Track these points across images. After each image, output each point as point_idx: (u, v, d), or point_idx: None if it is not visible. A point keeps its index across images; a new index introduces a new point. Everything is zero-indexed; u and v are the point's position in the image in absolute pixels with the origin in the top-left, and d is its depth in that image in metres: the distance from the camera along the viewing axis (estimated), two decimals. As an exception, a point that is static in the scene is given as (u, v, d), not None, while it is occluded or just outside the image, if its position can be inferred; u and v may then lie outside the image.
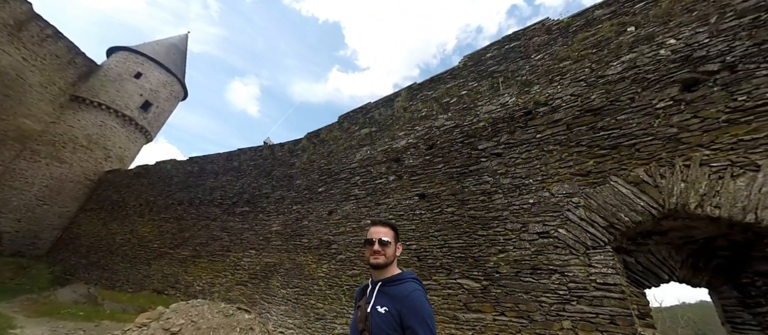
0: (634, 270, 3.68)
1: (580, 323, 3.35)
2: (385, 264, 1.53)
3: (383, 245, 1.55)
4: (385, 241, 1.55)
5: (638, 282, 3.65)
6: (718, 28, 3.38)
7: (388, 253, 1.54)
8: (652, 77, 3.70)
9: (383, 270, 1.54)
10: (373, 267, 1.56)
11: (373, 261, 1.55)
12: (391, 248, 1.56)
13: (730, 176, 2.99)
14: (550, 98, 4.48)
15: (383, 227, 1.61)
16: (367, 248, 1.58)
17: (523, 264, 3.92)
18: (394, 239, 1.59)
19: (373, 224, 1.64)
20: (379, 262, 1.53)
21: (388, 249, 1.54)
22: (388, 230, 1.60)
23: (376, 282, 1.54)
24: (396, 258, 1.59)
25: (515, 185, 4.37)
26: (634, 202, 3.42)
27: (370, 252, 1.57)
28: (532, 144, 4.41)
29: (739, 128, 3.05)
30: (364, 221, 5.84)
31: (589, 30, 4.43)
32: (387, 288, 1.47)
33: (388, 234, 1.58)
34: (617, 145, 3.73)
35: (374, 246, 1.54)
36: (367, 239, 1.60)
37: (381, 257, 1.53)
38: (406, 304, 1.37)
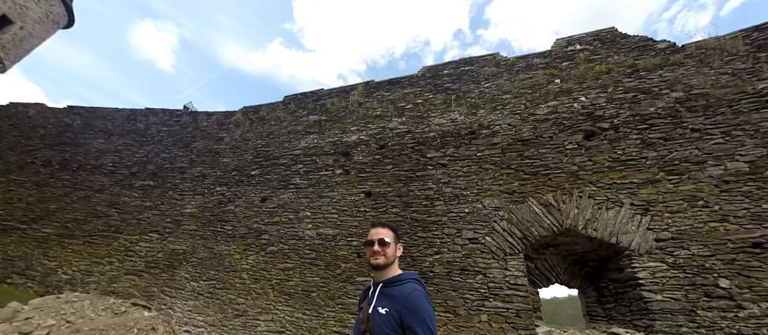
0: (533, 273, 4.59)
1: (494, 316, 3.98)
2: (386, 265, 1.54)
3: (383, 245, 1.55)
4: (386, 242, 1.56)
5: (535, 283, 4.56)
6: (612, 97, 4.51)
7: (388, 254, 1.54)
8: (566, 123, 4.67)
9: (384, 271, 1.55)
10: (374, 268, 1.56)
11: (373, 262, 1.55)
12: (391, 248, 1.57)
13: (605, 208, 4.03)
14: (492, 123, 5.15)
15: (383, 228, 1.61)
16: (368, 249, 1.59)
17: (454, 265, 4.41)
18: (394, 240, 1.60)
19: (373, 226, 1.65)
20: (379, 263, 1.54)
21: (388, 250, 1.55)
22: (388, 231, 1.60)
23: (377, 284, 1.55)
24: (396, 259, 1.60)
25: (455, 194, 4.87)
26: (543, 220, 4.26)
27: (370, 252, 1.57)
28: (473, 161, 5.00)
29: (615, 173, 4.13)
30: (303, 213, 5.56)
31: (528, 73, 5.28)
32: (388, 289, 1.48)
33: (388, 235, 1.58)
34: (537, 172, 4.56)
35: (374, 247, 1.54)
36: (368, 241, 1.60)
37: (381, 257, 1.54)
38: (406, 305, 1.37)
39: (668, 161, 3.93)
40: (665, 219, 3.70)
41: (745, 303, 3.11)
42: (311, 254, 5.19)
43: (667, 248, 3.59)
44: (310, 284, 4.95)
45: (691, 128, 3.97)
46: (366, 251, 1.62)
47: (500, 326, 3.93)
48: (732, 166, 3.63)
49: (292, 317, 4.78)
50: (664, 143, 4.03)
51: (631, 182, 4.00)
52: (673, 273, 3.48)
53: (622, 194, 4.01)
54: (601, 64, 4.79)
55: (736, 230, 3.39)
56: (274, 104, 7.12)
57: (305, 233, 5.38)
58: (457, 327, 4.07)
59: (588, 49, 5.03)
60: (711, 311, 3.21)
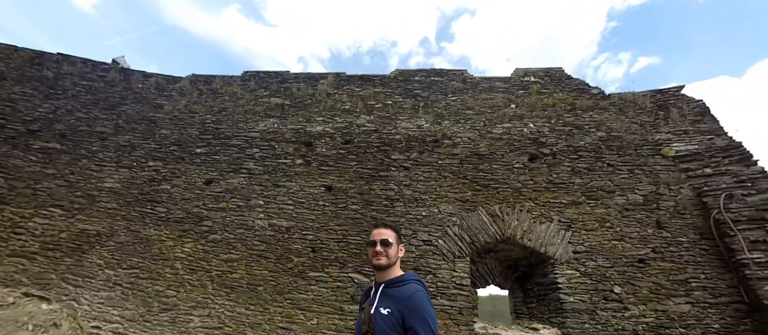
0: (474, 275, 5.09)
1: (440, 313, 4.30)
2: (388, 265, 1.56)
3: (385, 246, 1.57)
4: (388, 242, 1.57)
5: (474, 284, 5.06)
6: (554, 128, 5.24)
7: (390, 254, 1.56)
8: (516, 144, 5.26)
9: (386, 272, 1.57)
10: (376, 268, 1.58)
11: (375, 262, 1.57)
12: (394, 249, 1.59)
13: (539, 222, 4.68)
14: (455, 134, 5.52)
15: (386, 229, 1.63)
16: (370, 250, 1.60)
17: (408, 265, 4.62)
18: (396, 241, 1.62)
19: (376, 226, 1.66)
20: (381, 263, 1.55)
21: (391, 250, 1.57)
22: (390, 232, 1.62)
23: (379, 284, 1.56)
24: (399, 259, 1.63)
25: (415, 197, 5.10)
26: (489, 228, 4.75)
27: (372, 253, 1.58)
28: (434, 167, 5.29)
29: (549, 193, 4.82)
30: (255, 201, 5.18)
31: (489, 94, 5.79)
32: (389, 290, 1.50)
33: (391, 235, 1.60)
34: (488, 185, 5.05)
35: (376, 247, 1.56)
36: (370, 241, 1.61)
37: (383, 258, 1.55)
38: (408, 305, 1.39)
39: (589, 187, 4.74)
40: (582, 235, 4.47)
41: (630, 305, 3.96)
42: (260, 245, 4.89)
43: (581, 260, 4.34)
44: (257, 277, 4.66)
45: (607, 163, 4.85)
46: (368, 251, 1.63)
47: (444, 322, 4.27)
48: (632, 197, 4.56)
49: (233, 312, 4.45)
50: (587, 173, 4.85)
51: (560, 202, 4.72)
52: (583, 279, 4.23)
53: (553, 211, 4.70)
54: (548, 98, 5.52)
55: (629, 248, 4.28)
56: (229, 77, 6.45)
57: (256, 222, 5.04)
58: (406, 323, 4.29)
59: (539, 83, 5.75)
60: (606, 311, 4.00)
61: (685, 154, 4.53)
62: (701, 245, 4.04)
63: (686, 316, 3.78)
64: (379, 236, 1.59)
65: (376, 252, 1.56)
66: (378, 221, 1.83)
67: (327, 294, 4.52)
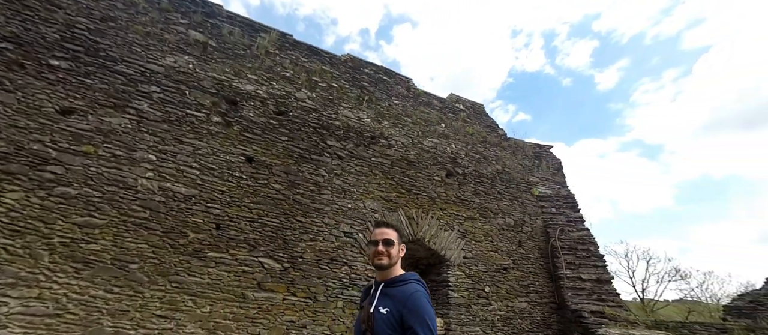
0: (381, 269, 5.50)
1: (348, 303, 4.47)
2: (389, 265, 1.54)
3: (388, 245, 1.55)
4: (391, 242, 1.56)
5: (380, 277, 5.48)
6: (468, 153, 6.21)
7: (392, 254, 1.54)
8: (439, 159, 5.97)
9: (386, 271, 1.55)
10: (377, 268, 1.57)
11: (377, 262, 1.54)
12: (395, 249, 1.57)
13: (443, 230, 5.48)
14: (391, 136, 5.79)
15: (388, 229, 1.62)
16: (372, 249, 1.58)
17: (325, 254, 4.58)
18: (398, 241, 1.61)
19: (377, 226, 1.65)
20: (383, 263, 1.53)
21: (393, 250, 1.55)
22: (393, 232, 1.61)
23: (379, 283, 1.55)
24: (399, 259, 1.61)
25: (343, 188, 5.08)
26: (405, 229, 5.23)
27: (374, 252, 1.55)
28: (367, 162, 5.41)
29: (455, 207, 5.70)
30: (142, 154, 4.01)
31: (426, 109, 6.33)
32: (389, 289, 1.48)
33: (393, 235, 1.59)
34: (410, 190, 5.54)
35: (379, 247, 1.54)
36: (372, 240, 1.59)
37: (385, 258, 1.53)
38: (407, 305, 1.38)
39: (483, 207, 5.87)
40: (472, 244, 5.50)
41: (493, 301, 5.16)
42: (142, 212, 3.84)
43: (467, 264, 5.34)
44: (131, 252, 3.65)
45: (498, 191, 6.13)
46: (369, 250, 1.61)
47: (352, 312, 4.45)
48: (508, 220, 5.92)
49: (84, 295, 3.34)
50: (484, 195, 5.99)
51: (461, 215, 5.66)
52: (466, 280, 5.22)
53: (455, 222, 5.59)
54: (470, 127, 6.49)
55: (499, 258, 5.55)
56: (127, -20, 4.72)
57: (139, 182, 3.92)
58: (314, 312, 4.25)
59: (465, 112, 6.69)
60: (477, 305, 5.08)
61: (544, 195, 6.24)
62: (540, 261, 5.68)
63: (523, 311, 5.23)
64: (382, 235, 1.57)
65: (379, 251, 1.54)
66: (380, 221, 1.84)
67: (228, 279, 3.97)
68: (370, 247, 1.60)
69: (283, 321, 4.08)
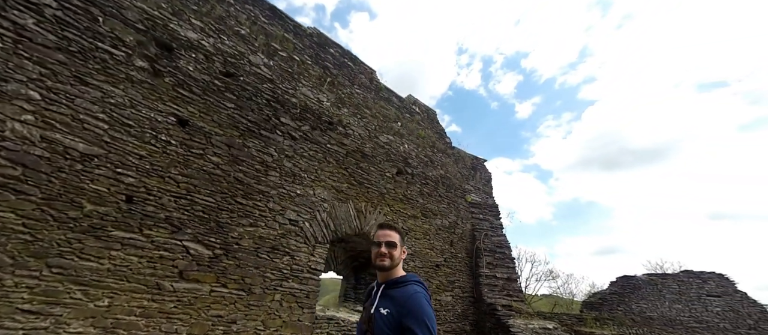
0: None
1: (287, 296, 4.16)
2: (390, 267, 1.57)
3: (390, 247, 1.58)
4: (393, 244, 1.59)
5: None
6: (418, 155, 6.50)
7: (394, 256, 1.58)
8: (392, 157, 6.07)
9: (388, 272, 1.58)
10: (379, 269, 1.60)
11: (378, 263, 1.58)
12: (398, 251, 1.60)
13: (389, 225, 5.61)
14: (349, 125, 5.59)
15: (390, 230, 1.65)
16: (374, 250, 1.61)
17: (266, 242, 4.15)
18: (400, 243, 1.64)
19: (380, 227, 1.66)
20: (385, 264, 1.57)
21: (395, 252, 1.59)
22: (395, 234, 1.64)
23: (380, 284, 1.58)
24: (401, 261, 1.64)
25: (294, 172, 4.68)
26: (353, 221, 5.16)
27: (377, 253, 1.59)
28: (322, 148, 5.11)
29: (401, 204, 5.91)
30: (17, 88, 2.86)
31: (386, 104, 6.34)
32: (390, 291, 1.51)
33: (396, 238, 1.62)
34: (362, 183, 5.48)
35: (381, 248, 1.57)
36: (374, 242, 1.60)
37: (387, 260, 1.56)
38: (407, 306, 1.41)
39: (426, 208, 6.25)
40: (412, 241, 5.80)
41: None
42: (12, 168, 2.75)
43: (406, 259, 5.61)
44: (-16, 221, 2.58)
45: (439, 194, 6.61)
46: (372, 251, 1.63)
47: (290, 305, 4.16)
48: (445, 222, 6.45)
49: None
50: (428, 197, 6.38)
51: (406, 213, 5.90)
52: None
53: (400, 218, 5.79)
54: (423, 131, 6.79)
55: (434, 256, 6.01)
56: None
57: (10, 125, 2.79)
58: (247, 305, 3.81)
59: (420, 115, 6.97)
60: (411, 299, 5.39)
61: (475, 202, 7.03)
62: (466, 261, 6.39)
63: (448, 304, 5.81)
64: (385, 237, 1.60)
65: (381, 253, 1.57)
66: (383, 223, 1.86)
67: (139, 266, 3.21)
68: (373, 248, 1.62)
69: (209, 317, 3.53)
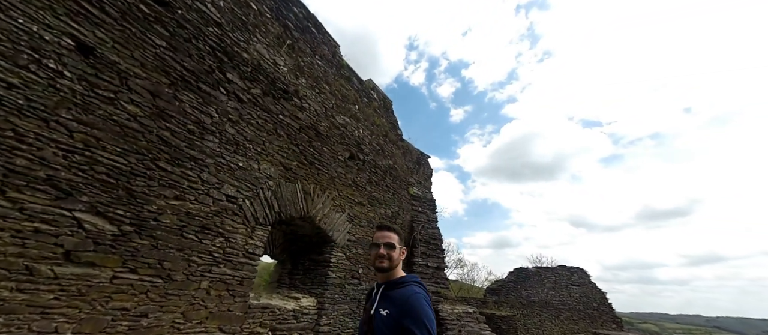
0: (256, 243, 4.75)
1: (217, 283, 3.58)
2: (390, 268, 1.58)
3: (389, 249, 1.59)
4: (392, 245, 1.60)
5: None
6: (372, 142, 6.38)
7: (393, 257, 1.58)
8: (347, 140, 5.80)
9: (387, 274, 1.59)
10: (378, 271, 1.61)
11: (378, 265, 1.59)
12: (397, 252, 1.61)
13: (335, 211, 5.39)
14: (306, 99, 5.07)
15: (389, 232, 1.65)
16: (373, 252, 1.62)
17: (194, 220, 3.45)
18: (399, 244, 1.64)
19: (379, 229, 1.68)
20: (384, 266, 1.57)
21: (394, 253, 1.59)
22: (394, 235, 1.64)
23: (380, 285, 1.60)
24: (400, 262, 1.64)
25: (237, 141, 4.00)
26: (299, 203, 4.75)
27: (375, 255, 1.60)
28: (272, 119, 4.50)
29: (350, 190, 5.74)
30: None
31: (346, 84, 5.97)
32: (389, 292, 1.52)
33: (395, 239, 1.63)
34: (313, 163, 5.09)
35: (380, 250, 1.58)
36: (373, 243, 1.62)
37: (386, 261, 1.57)
38: (406, 307, 1.41)
39: (372, 196, 6.23)
40: (356, 228, 5.72)
41: (363, 281, 5.58)
42: None
43: (349, 246, 5.52)
44: None
45: (386, 184, 6.67)
46: (370, 253, 1.67)
47: (219, 293, 3.60)
48: (389, 211, 6.56)
49: None
50: (375, 185, 6.36)
51: (354, 200, 5.77)
52: (346, 261, 5.39)
53: (347, 205, 5.63)
54: (378, 118, 6.68)
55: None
56: None
57: None
58: (164, 295, 3.12)
59: (377, 102, 6.83)
60: (350, 285, 5.35)
61: (416, 195, 7.36)
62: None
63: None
64: (383, 239, 1.62)
65: (380, 254, 1.58)
66: (382, 224, 1.76)
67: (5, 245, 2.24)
68: (372, 250, 1.64)
69: (108, 310, 2.74)
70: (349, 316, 5.17)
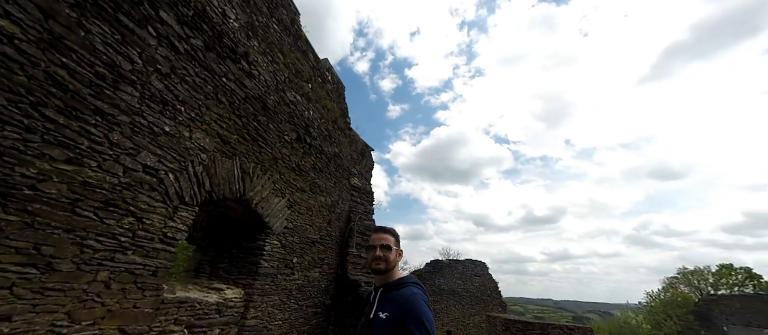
0: (172, 224, 3.96)
1: (121, 275, 2.85)
2: (386, 270, 1.58)
3: (385, 250, 1.60)
4: (388, 247, 1.60)
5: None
6: (320, 126, 6.03)
7: (390, 258, 1.59)
8: (296, 119, 5.32)
9: (385, 276, 1.60)
10: (375, 273, 1.61)
11: (374, 267, 1.60)
12: (393, 253, 1.61)
13: (275, 195, 4.93)
14: (257, 64, 4.42)
15: (385, 234, 1.66)
16: (370, 254, 1.63)
17: (95, 193, 2.66)
18: (395, 245, 1.65)
19: (375, 231, 1.69)
20: (381, 268, 1.58)
21: (390, 255, 1.59)
22: (390, 237, 1.65)
23: (378, 288, 1.60)
24: (397, 263, 1.64)
25: (165, 99, 3.23)
26: (235, 184, 4.16)
27: (372, 257, 1.61)
28: (214, 80, 3.78)
29: (293, 174, 5.32)
30: None
31: (302, 59, 5.45)
32: (388, 294, 1.53)
33: (391, 241, 1.63)
34: (256, 140, 4.51)
35: (376, 252, 1.59)
36: (369, 245, 1.64)
37: (383, 263, 1.58)
38: (405, 308, 1.42)
39: (315, 183, 5.92)
40: (295, 216, 5.37)
41: (296, 271, 5.29)
42: None
43: (285, 234, 5.14)
44: None
45: (330, 172, 6.43)
46: (367, 255, 1.67)
47: (124, 286, 2.87)
48: (328, 200, 6.35)
49: None
50: (319, 172, 6.06)
51: (296, 185, 5.38)
52: (280, 249, 5.01)
53: (288, 190, 5.21)
54: (329, 102, 6.34)
55: (312, 232, 5.82)
56: None
57: None
58: (39, 290, 2.32)
59: (331, 85, 6.46)
60: (283, 275, 5.00)
61: (356, 186, 7.33)
62: (338, 240, 6.57)
63: (315, 280, 5.81)
64: (379, 241, 1.62)
65: (377, 256, 1.59)
66: (378, 227, 1.73)
67: None
68: (368, 252, 1.65)
69: (-61, 314, 1.86)
70: (278, 308, 4.85)
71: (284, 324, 4.94)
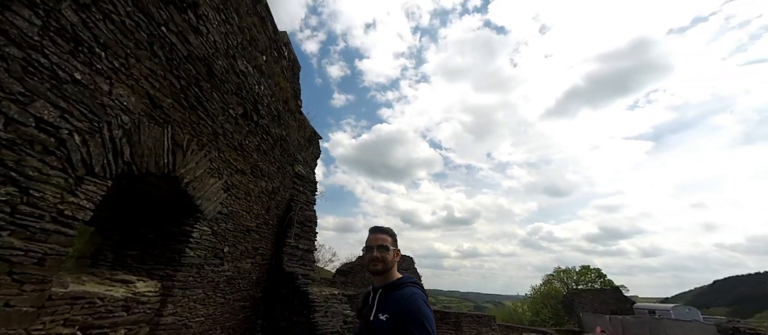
0: (65, 199, 3.09)
1: (-13, 263, 2.09)
2: (384, 270, 1.58)
3: (383, 251, 1.59)
4: (386, 248, 1.60)
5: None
6: (270, 105, 5.50)
7: (387, 259, 1.58)
8: (244, 93, 4.73)
9: (383, 276, 1.58)
10: (373, 273, 1.60)
11: (372, 268, 1.59)
12: (390, 253, 1.60)
13: (211, 176, 4.30)
14: (207, 20, 3.77)
15: (382, 234, 1.65)
16: (367, 255, 1.62)
17: (-46, 147, 1.89)
18: (392, 245, 1.64)
19: (372, 231, 1.67)
20: (378, 268, 1.57)
21: (388, 255, 1.59)
22: (387, 237, 1.64)
23: (377, 289, 1.58)
24: (395, 263, 1.63)
25: (80, 37, 2.50)
26: (163, 157, 3.48)
27: (369, 258, 1.60)
28: (151, 28, 3.09)
29: (234, 153, 4.73)
30: None
31: (260, 25, 4.86)
32: (387, 294, 1.52)
33: (388, 241, 1.62)
34: (195, 108, 3.85)
35: (374, 253, 1.58)
36: (367, 246, 1.63)
37: (380, 263, 1.58)
38: (405, 308, 1.41)
39: (256, 165, 5.37)
40: (231, 200, 4.79)
41: (226, 262, 4.72)
42: None
43: (218, 220, 4.54)
44: None
45: (274, 156, 5.92)
46: (365, 256, 1.65)
47: (-10, 280, 2.11)
48: (270, 185, 5.85)
49: None
50: (263, 154, 5.52)
51: (235, 166, 4.80)
52: (210, 237, 4.40)
53: (226, 171, 4.61)
54: (283, 81, 5.82)
55: (248, 219, 5.27)
56: None
57: None
58: None
59: (287, 62, 5.94)
60: (210, 266, 4.40)
61: (300, 174, 6.91)
62: (275, 229, 6.10)
63: (246, 271, 5.28)
64: (376, 241, 1.63)
65: (374, 257, 1.59)
66: (375, 227, 1.65)
67: None
68: (366, 253, 1.64)
69: None
70: (201, 303, 4.26)
71: (207, 319, 4.39)
